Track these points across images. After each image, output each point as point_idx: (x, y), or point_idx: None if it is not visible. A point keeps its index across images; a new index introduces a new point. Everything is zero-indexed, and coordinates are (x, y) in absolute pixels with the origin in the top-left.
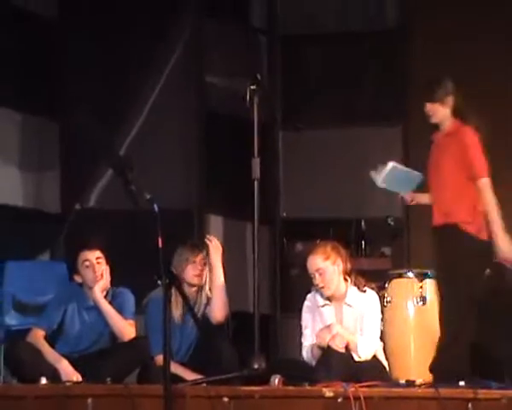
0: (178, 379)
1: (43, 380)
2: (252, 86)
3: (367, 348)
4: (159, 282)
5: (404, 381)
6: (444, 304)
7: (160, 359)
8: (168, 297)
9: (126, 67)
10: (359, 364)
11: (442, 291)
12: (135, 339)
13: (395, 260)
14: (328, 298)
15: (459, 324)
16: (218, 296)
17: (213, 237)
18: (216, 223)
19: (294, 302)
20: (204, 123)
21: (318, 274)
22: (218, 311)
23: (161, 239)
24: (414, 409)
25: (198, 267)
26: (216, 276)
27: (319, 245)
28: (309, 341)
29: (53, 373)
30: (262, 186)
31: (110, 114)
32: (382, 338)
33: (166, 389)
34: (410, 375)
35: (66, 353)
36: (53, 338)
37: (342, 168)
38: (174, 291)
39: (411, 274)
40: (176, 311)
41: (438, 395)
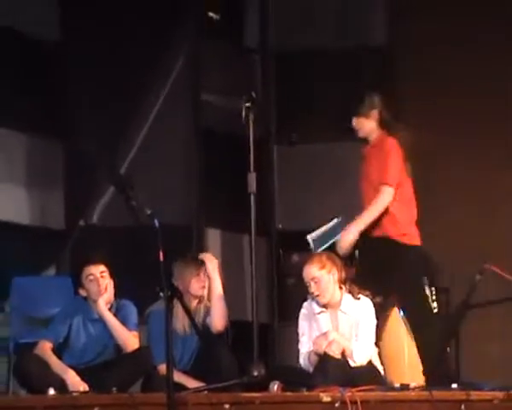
0: (181, 387)
1: (51, 391)
2: (247, 104)
3: (362, 354)
4: (160, 294)
5: (399, 385)
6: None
7: (163, 368)
8: (170, 309)
9: (126, 89)
10: (355, 369)
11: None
12: (138, 350)
13: None
14: (323, 306)
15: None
16: (218, 307)
17: (207, 253)
18: (214, 236)
19: (291, 311)
20: (201, 140)
21: (314, 283)
22: (218, 321)
23: (162, 253)
24: None
25: (202, 279)
26: (214, 287)
27: (315, 255)
28: (306, 348)
29: (60, 384)
30: (258, 199)
31: (111, 134)
32: (377, 344)
33: (169, 397)
34: (405, 379)
35: (72, 364)
36: (60, 350)
37: (335, 181)
38: (175, 303)
39: None
40: (177, 322)
41: (431, 398)
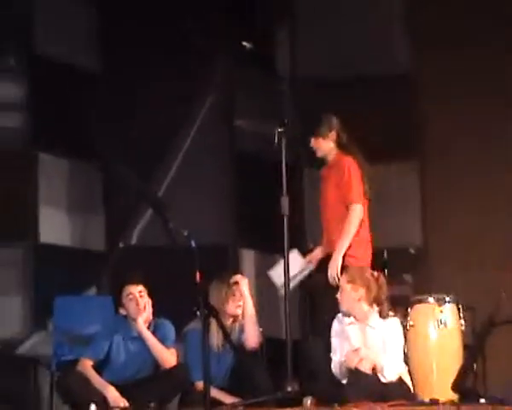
0: (217, 403)
1: (92, 407)
2: (279, 129)
3: (393, 371)
4: (197, 313)
5: (429, 400)
6: None
7: (200, 384)
8: (206, 327)
9: (164, 116)
10: (386, 385)
11: None
12: (176, 367)
13: (416, 286)
14: (354, 317)
15: None
16: (251, 325)
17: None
18: (248, 257)
19: (322, 328)
20: (235, 164)
21: (340, 290)
22: (252, 338)
23: (199, 273)
24: None
25: (237, 299)
26: (247, 306)
27: (354, 268)
28: (337, 356)
29: (101, 400)
30: (290, 222)
31: (149, 159)
32: (406, 361)
33: None
34: (434, 394)
35: (113, 380)
36: (101, 367)
37: None
38: (212, 321)
39: (432, 299)
40: (214, 339)
41: None
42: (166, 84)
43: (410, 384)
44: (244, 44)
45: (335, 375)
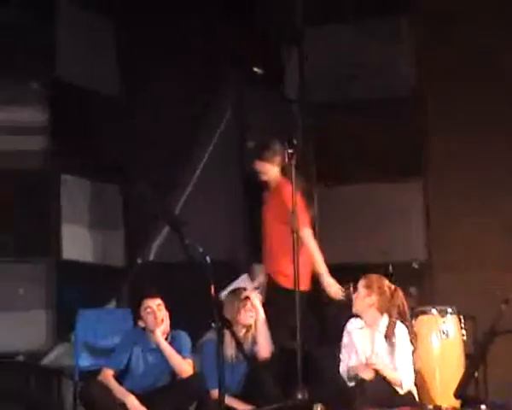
0: None
1: None
2: (289, 149)
3: (409, 380)
4: (212, 325)
5: (432, 406)
6: None
7: (215, 393)
8: (221, 338)
9: (179, 140)
10: (392, 392)
11: None
12: (192, 376)
13: (420, 298)
14: (365, 322)
15: None
16: (263, 336)
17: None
18: (260, 271)
19: (332, 339)
20: (247, 183)
21: (356, 292)
22: (263, 349)
23: (213, 287)
24: None
25: (249, 309)
26: (259, 318)
27: (373, 275)
28: (346, 358)
29: (122, 408)
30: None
31: (166, 179)
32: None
33: None
34: (437, 401)
35: (132, 389)
36: (121, 377)
37: (371, 219)
38: (226, 333)
39: (435, 311)
40: (228, 350)
41: None
42: (183, 108)
43: (415, 391)
44: (255, 70)
45: (343, 377)
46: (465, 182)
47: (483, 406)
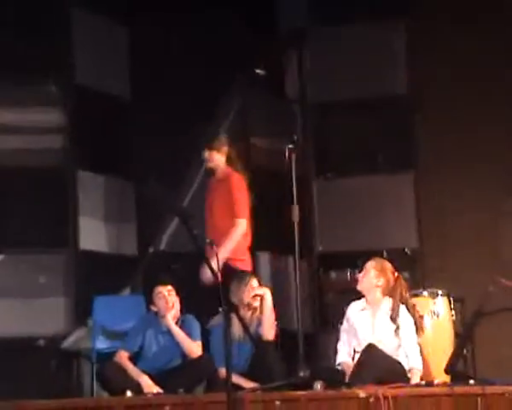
0: (238, 388)
1: (128, 393)
2: (290, 145)
3: (419, 359)
4: (220, 309)
5: (424, 382)
6: None
7: (223, 371)
8: (228, 321)
9: (187, 138)
10: (386, 367)
11: None
12: (201, 357)
13: (412, 282)
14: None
15: None
16: (267, 318)
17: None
18: (264, 258)
19: (330, 322)
20: (251, 177)
21: (364, 271)
22: (268, 330)
23: (220, 274)
24: (433, 405)
25: (253, 288)
26: (264, 302)
27: (383, 260)
28: (343, 346)
29: (136, 387)
30: (301, 227)
31: (175, 174)
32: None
33: (229, 396)
34: (429, 377)
35: (146, 370)
36: (135, 358)
37: (366, 209)
38: (233, 316)
39: (426, 293)
40: (235, 331)
41: (452, 392)
42: (190, 109)
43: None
44: (257, 72)
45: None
46: (455, 176)
47: (471, 381)
